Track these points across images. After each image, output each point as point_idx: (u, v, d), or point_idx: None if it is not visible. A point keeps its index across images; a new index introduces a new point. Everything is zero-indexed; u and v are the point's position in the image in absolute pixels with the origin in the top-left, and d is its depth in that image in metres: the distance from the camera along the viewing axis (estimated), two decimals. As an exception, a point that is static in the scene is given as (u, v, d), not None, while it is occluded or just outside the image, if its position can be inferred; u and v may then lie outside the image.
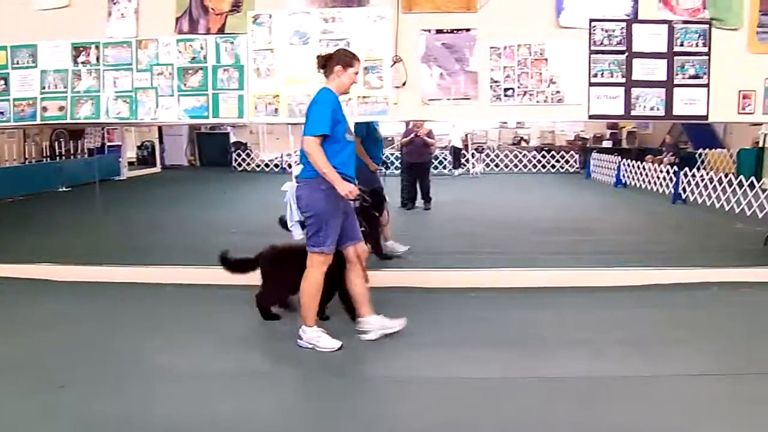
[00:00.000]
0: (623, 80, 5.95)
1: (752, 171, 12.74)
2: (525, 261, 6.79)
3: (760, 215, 10.19)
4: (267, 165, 20.36)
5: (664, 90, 5.99)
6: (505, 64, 5.89)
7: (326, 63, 4.60)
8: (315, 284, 4.54)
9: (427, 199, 11.61)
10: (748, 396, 3.85)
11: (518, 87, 5.92)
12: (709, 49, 6.05)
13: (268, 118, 6.15)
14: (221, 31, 6.04)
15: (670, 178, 13.43)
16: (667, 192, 13.45)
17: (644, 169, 15.00)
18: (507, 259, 6.90)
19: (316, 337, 4.55)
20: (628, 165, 15.79)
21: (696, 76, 6.02)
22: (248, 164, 20.64)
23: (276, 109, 6.05)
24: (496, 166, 20.08)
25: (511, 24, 5.87)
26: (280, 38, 5.97)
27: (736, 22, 6.09)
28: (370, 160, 7.26)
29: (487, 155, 20.24)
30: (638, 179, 15.20)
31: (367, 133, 7.39)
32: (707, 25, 6.05)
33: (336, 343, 4.54)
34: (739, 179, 11.31)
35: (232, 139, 22.21)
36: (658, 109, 6.00)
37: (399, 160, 12.39)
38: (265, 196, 14.02)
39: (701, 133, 16.92)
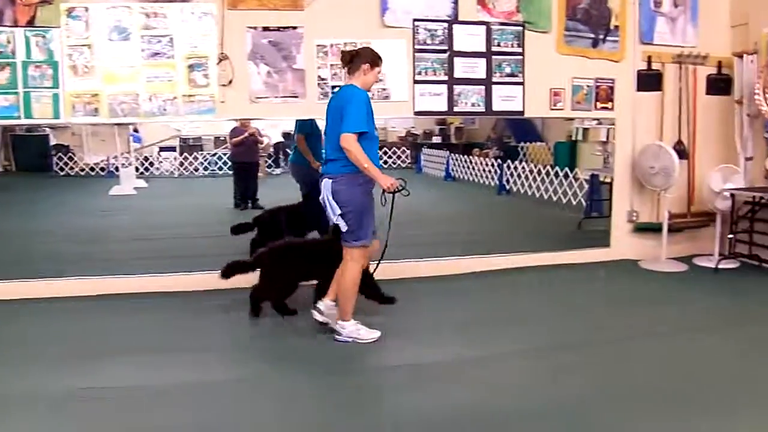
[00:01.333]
0: (446, 78, 6.21)
1: (567, 162, 13.71)
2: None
3: (574, 202, 11.02)
4: (92, 168, 19.20)
5: (483, 87, 6.33)
6: (332, 62, 5.93)
7: (352, 60, 4.60)
8: (355, 277, 4.60)
9: (255, 198, 11.48)
10: (560, 367, 4.17)
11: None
12: (523, 49, 6.46)
13: (87, 119, 5.79)
14: (31, 23, 5.58)
15: (495, 171, 14.21)
16: (492, 183, 14.21)
17: (471, 162, 15.75)
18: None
19: (356, 330, 4.61)
20: (457, 159, 16.51)
21: (512, 75, 6.41)
22: (71, 168, 19.36)
23: (96, 109, 5.70)
24: (331, 164, 20.21)
25: (337, 22, 5.92)
26: (99, 33, 5.63)
27: (546, 25, 6.55)
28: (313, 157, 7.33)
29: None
30: (466, 172, 15.93)
31: (311, 130, 7.37)
32: (521, 28, 6.45)
33: (375, 333, 4.64)
34: (555, 170, 12.20)
35: (53, 141, 20.70)
36: (478, 105, 6.34)
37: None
38: (90, 201, 13.30)
39: (522, 128, 17.91)
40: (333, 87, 5.93)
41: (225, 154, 17.21)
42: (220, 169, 18.05)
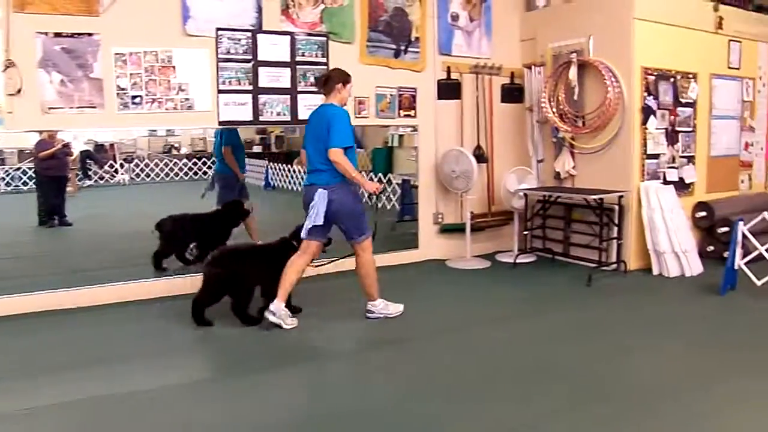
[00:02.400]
0: (251, 88, 6.21)
1: (384, 167, 14.11)
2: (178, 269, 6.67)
3: (389, 206, 11.41)
4: None
5: (288, 96, 6.40)
6: (131, 71, 5.73)
7: (326, 82, 5.17)
8: (371, 264, 5.29)
9: (62, 215, 10.81)
10: (373, 366, 4.32)
11: (146, 95, 5.80)
12: (328, 59, 6.61)
13: None
14: None
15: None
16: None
17: (292, 171, 15.81)
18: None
19: (384, 306, 5.37)
20: (276, 168, 16.51)
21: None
22: None
23: None
24: (147, 176, 19.49)
25: (136, 30, 5.73)
26: None
27: (349, 36, 6.75)
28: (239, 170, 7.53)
29: (137, 165, 19.53)
30: (287, 181, 15.97)
31: (237, 141, 7.51)
32: (325, 38, 6.59)
33: (400, 306, 5.49)
34: (371, 175, 12.56)
35: None
36: (284, 114, 6.40)
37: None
38: None
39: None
40: (133, 97, 5.75)
41: (30, 168, 16.00)
42: (25, 184, 16.79)
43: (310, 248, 5.20)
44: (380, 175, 12.41)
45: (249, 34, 6.19)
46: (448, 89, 7.50)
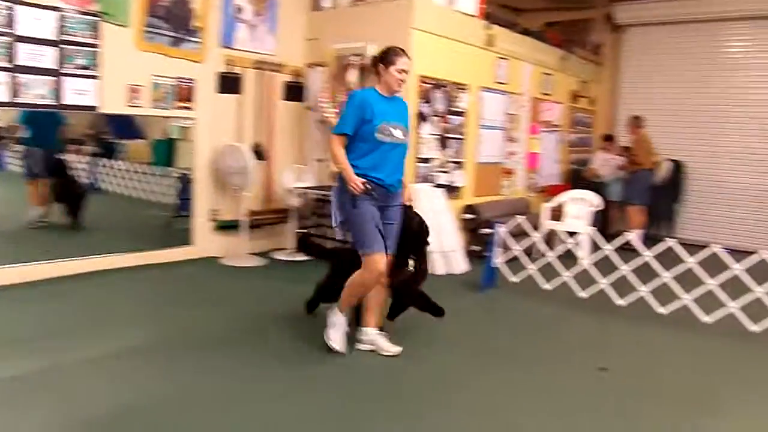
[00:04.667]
0: (7, 65, 5.63)
1: (165, 160, 13.55)
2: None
3: (169, 201, 10.98)
4: None
5: (53, 78, 5.90)
6: None
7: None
8: (357, 284, 4.36)
9: None
10: (140, 371, 4.10)
11: None
12: (100, 42, 6.20)
13: None
14: None
15: (90, 169, 13.44)
16: (88, 181, 13.42)
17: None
18: None
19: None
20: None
21: (86, 67, 6.10)
22: None
23: None
24: None
25: None
26: None
27: (124, 19, 6.37)
28: None
29: None
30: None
31: None
32: (98, 18, 6.17)
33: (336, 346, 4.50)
34: (152, 168, 12.03)
35: None
36: (47, 97, 5.89)
37: None
38: None
39: (122, 124, 17.15)
40: None
41: None
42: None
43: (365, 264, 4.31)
44: (162, 167, 11.88)
45: (9, 4, 5.58)
46: (229, 83, 7.36)
